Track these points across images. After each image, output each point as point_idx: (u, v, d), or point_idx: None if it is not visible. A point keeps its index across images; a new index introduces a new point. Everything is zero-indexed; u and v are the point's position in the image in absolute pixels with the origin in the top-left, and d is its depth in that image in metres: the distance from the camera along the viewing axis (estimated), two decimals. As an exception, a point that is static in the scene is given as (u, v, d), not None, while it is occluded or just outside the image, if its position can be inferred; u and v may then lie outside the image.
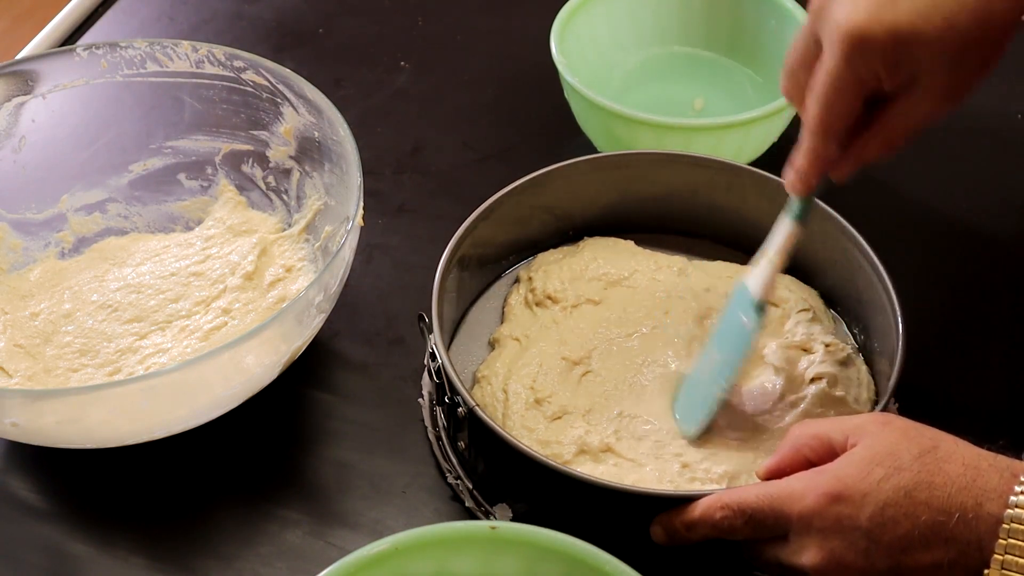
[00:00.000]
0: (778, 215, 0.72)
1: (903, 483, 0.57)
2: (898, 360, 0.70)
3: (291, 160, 0.88)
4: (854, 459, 0.59)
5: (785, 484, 0.61)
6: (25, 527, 0.75)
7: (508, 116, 1.03)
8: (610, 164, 0.84)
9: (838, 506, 0.58)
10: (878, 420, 0.61)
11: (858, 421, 0.62)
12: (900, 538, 0.57)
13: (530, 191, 0.82)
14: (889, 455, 0.58)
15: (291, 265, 0.86)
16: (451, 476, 0.75)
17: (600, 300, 0.81)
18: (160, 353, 0.80)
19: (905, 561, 0.57)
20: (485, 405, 0.76)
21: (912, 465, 0.57)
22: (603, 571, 0.57)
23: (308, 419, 0.80)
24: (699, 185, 0.84)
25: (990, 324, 0.85)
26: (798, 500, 0.59)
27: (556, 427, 0.74)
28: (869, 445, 0.59)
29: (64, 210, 0.89)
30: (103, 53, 0.87)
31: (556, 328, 0.80)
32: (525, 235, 0.85)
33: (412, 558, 0.58)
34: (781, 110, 0.88)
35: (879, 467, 0.58)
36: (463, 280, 0.81)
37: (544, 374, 0.77)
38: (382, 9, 1.15)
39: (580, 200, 0.85)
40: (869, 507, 0.57)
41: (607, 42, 1.01)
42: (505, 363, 0.78)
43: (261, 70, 0.86)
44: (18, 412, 0.69)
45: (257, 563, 0.72)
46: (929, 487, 0.57)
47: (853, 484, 0.58)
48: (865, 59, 0.62)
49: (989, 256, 0.90)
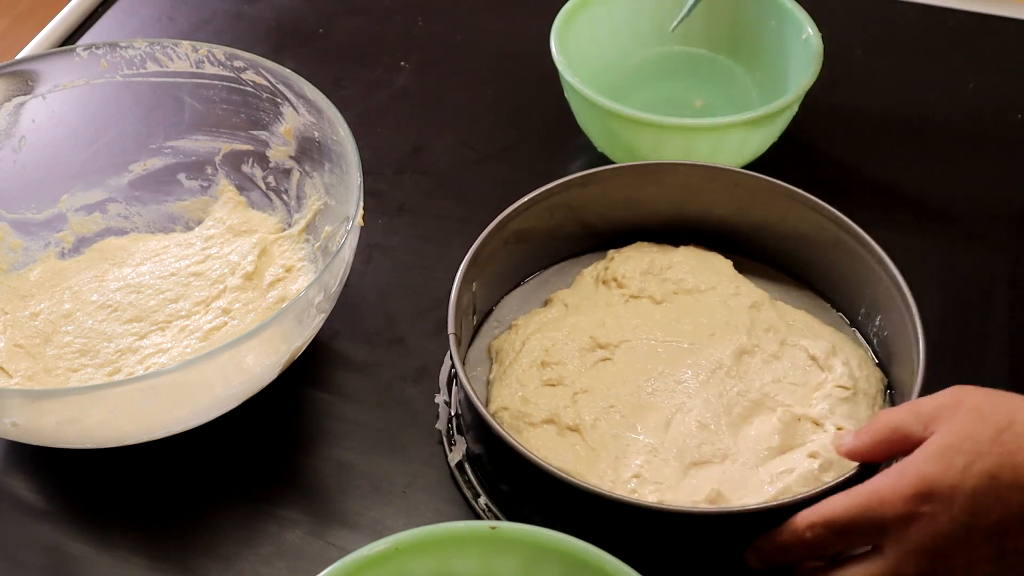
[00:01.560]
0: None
1: (987, 468, 0.57)
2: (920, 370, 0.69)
3: (291, 160, 0.88)
4: (932, 450, 0.59)
5: (871, 490, 0.60)
6: (25, 527, 0.75)
7: (508, 116, 1.03)
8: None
9: (930, 504, 0.58)
10: (950, 402, 0.61)
11: (933, 406, 0.61)
12: (996, 523, 0.57)
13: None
14: (967, 440, 0.58)
15: (291, 265, 0.86)
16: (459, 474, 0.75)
17: (662, 301, 0.81)
18: (160, 353, 0.80)
19: (1007, 544, 0.57)
20: (500, 349, 0.79)
21: (992, 448, 0.57)
22: (603, 571, 0.57)
23: (308, 419, 0.80)
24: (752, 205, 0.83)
25: (990, 325, 0.85)
26: (889, 505, 0.59)
27: (544, 392, 0.75)
28: (945, 432, 0.59)
29: (64, 210, 0.90)
30: (103, 53, 0.87)
31: (606, 310, 0.80)
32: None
33: (412, 558, 0.58)
34: (781, 110, 0.88)
35: (959, 455, 0.58)
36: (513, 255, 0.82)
37: (565, 343, 0.77)
38: (382, 9, 1.15)
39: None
40: (960, 499, 0.57)
41: (607, 42, 1.01)
42: (542, 321, 0.79)
43: (261, 70, 0.86)
44: (18, 412, 0.69)
45: (257, 563, 0.72)
46: (1013, 468, 0.57)
47: (939, 479, 0.58)
48: None
49: (989, 256, 0.90)
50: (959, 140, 0.99)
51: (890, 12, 1.13)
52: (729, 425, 0.73)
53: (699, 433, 0.72)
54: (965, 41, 1.10)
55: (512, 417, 0.74)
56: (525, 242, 0.83)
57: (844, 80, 1.03)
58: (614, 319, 0.79)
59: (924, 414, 0.61)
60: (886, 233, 0.78)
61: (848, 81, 1.04)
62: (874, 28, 1.11)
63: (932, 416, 0.60)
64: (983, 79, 1.05)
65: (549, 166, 0.82)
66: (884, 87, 1.05)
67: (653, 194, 0.84)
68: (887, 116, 1.02)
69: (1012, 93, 1.03)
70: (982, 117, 1.02)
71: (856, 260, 0.78)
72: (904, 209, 0.94)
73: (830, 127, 1.00)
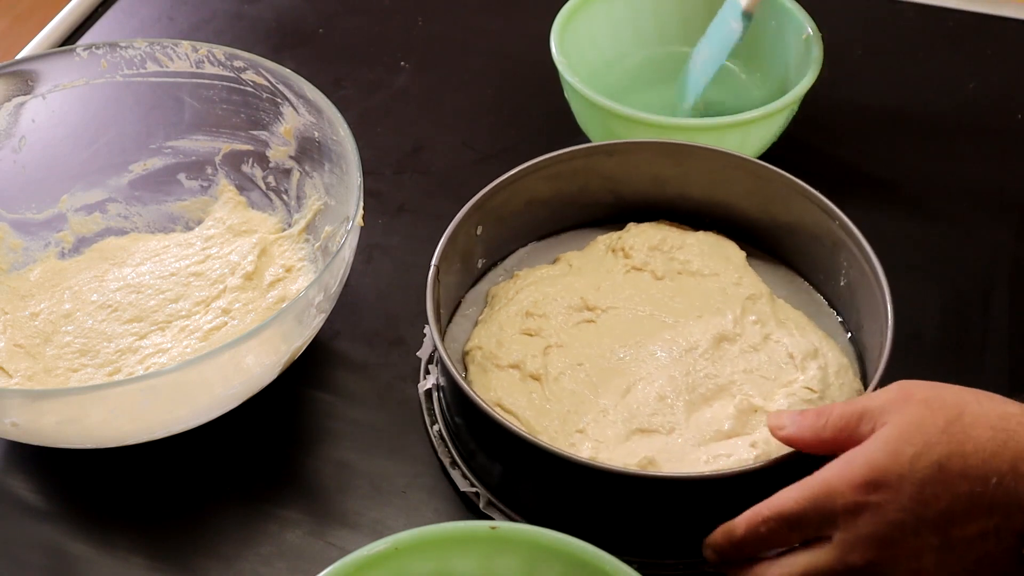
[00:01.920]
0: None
1: (935, 457, 0.57)
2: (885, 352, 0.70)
3: (291, 160, 0.88)
4: (882, 441, 0.59)
5: (821, 481, 0.60)
6: (25, 527, 0.75)
7: (508, 116, 1.03)
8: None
9: (878, 493, 0.58)
10: (899, 396, 0.61)
11: (880, 402, 0.61)
12: (943, 512, 0.57)
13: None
14: (916, 431, 0.58)
15: (291, 265, 0.86)
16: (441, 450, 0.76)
17: (662, 277, 0.81)
18: (160, 353, 0.80)
19: (953, 533, 0.57)
20: (495, 295, 0.82)
21: (941, 438, 0.57)
22: (603, 571, 0.57)
23: (308, 419, 0.80)
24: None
25: (989, 325, 0.85)
26: (839, 495, 0.59)
27: (520, 339, 0.77)
28: (895, 424, 0.59)
29: (64, 210, 0.90)
30: (103, 53, 0.87)
31: (605, 276, 0.81)
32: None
33: (412, 558, 0.58)
34: (781, 110, 0.88)
35: (909, 445, 0.58)
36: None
37: (554, 299, 0.79)
38: (382, 9, 1.15)
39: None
40: (908, 488, 0.57)
41: (607, 42, 1.01)
42: (541, 275, 0.82)
43: (261, 70, 0.86)
44: (18, 412, 0.69)
45: (257, 563, 0.72)
46: (962, 457, 0.57)
47: (887, 468, 0.58)
48: None
49: (988, 256, 0.90)
50: (959, 140, 0.99)
51: (890, 12, 1.13)
52: (687, 403, 0.73)
53: (654, 403, 0.73)
54: (965, 41, 1.10)
55: (483, 357, 0.77)
56: (547, 202, 0.85)
57: (844, 80, 1.03)
58: (609, 285, 0.81)
59: (873, 410, 0.61)
60: (886, 233, 0.78)
61: (848, 81, 1.04)
62: (874, 28, 1.11)
63: (880, 411, 0.60)
64: (983, 79, 1.05)
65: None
66: (884, 87, 1.05)
67: (681, 176, 0.84)
68: (887, 116, 1.02)
69: (1012, 93, 1.03)
70: (982, 117, 1.01)
71: (831, 242, 0.79)
72: (904, 209, 0.94)
73: (830, 127, 1.00)
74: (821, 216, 0.79)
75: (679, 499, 0.67)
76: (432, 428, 0.77)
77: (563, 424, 0.73)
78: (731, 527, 0.63)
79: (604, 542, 0.59)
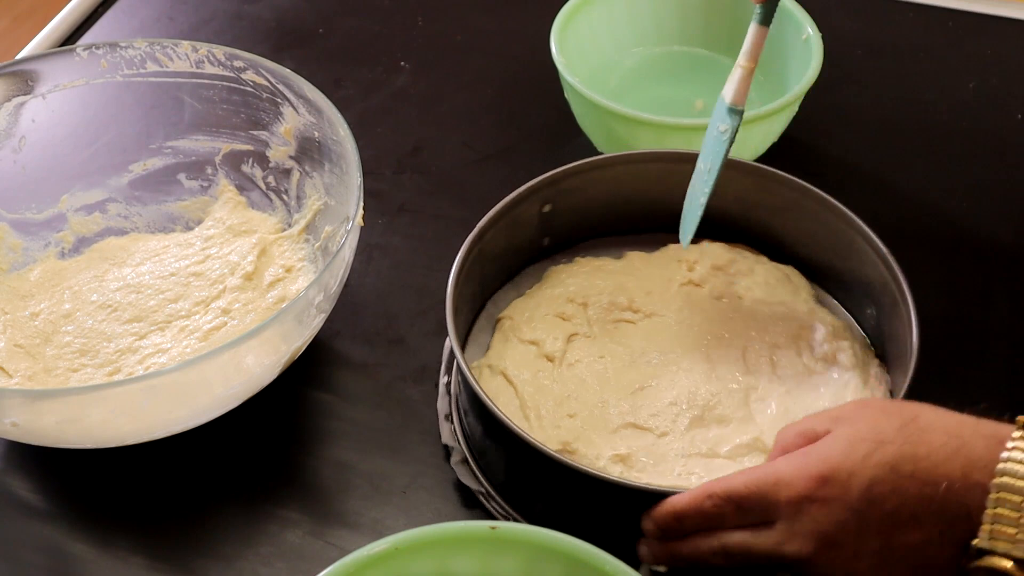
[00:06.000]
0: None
1: (888, 457, 0.57)
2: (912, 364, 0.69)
3: (291, 160, 0.88)
4: (838, 438, 0.59)
5: (772, 470, 0.60)
6: (25, 527, 0.75)
7: (508, 116, 1.03)
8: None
9: (826, 488, 0.58)
10: (857, 404, 0.62)
11: (837, 411, 0.62)
12: (889, 515, 0.56)
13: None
14: (871, 430, 0.58)
15: (291, 265, 0.86)
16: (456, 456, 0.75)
17: (720, 298, 0.80)
18: (160, 353, 0.80)
19: (896, 538, 0.57)
20: (550, 275, 0.82)
21: (895, 438, 0.57)
22: (603, 571, 0.57)
23: (308, 419, 0.80)
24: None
25: (990, 325, 0.85)
26: (786, 486, 0.59)
27: (551, 321, 0.79)
28: (851, 423, 0.60)
29: (64, 210, 0.90)
30: (103, 53, 0.87)
31: (661, 283, 0.81)
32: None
33: (412, 558, 0.58)
34: (781, 110, 0.88)
35: (862, 443, 0.58)
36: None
37: (601, 292, 0.80)
38: (382, 9, 1.15)
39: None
40: (857, 486, 0.57)
41: (607, 42, 1.01)
42: (597, 267, 0.83)
43: (261, 70, 0.86)
44: (18, 412, 0.69)
45: (257, 563, 0.72)
46: (914, 459, 0.56)
47: (839, 463, 0.58)
48: None
49: (989, 257, 0.90)
50: (959, 140, 0.99)
51: (890, 12, 1.13)
52: (695, 418, 0.73)
53: (660, 406, 0.74)
54: (965, 41, 1.10)
55: (510, 327, 0.79)
56: (629, 199, 0.85)
57: (844, 80, 1.03)
58: (661, 293, 0.80)
59: (830, 416, 0.62)
60: (884, 231, 0.78)
61: (848, 81, 1.04)
62: (874, 28, 1.11)
63: (838, 416, 0.61)
64: (983, 79, 1.05)
65: (549, 166, 0.82)
66: (884, 87, 1.05)
67: (768, 205, 0.82)
68: (887, 116, 1.02)
69: (1012, 93, 1.03)
70: (982, 117, 1.02)
71: (848, 247, 0.79)
72: (904, 208, 0.94)
73: (830, 127, 1.00)
74: (878, 267, 0.77)
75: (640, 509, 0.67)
76: (448, 418, 0.77)
77: (556, 406, 0.74)
78: (674, 500, 0.63)
79: (604, 542, 0.59)
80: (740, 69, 0.76)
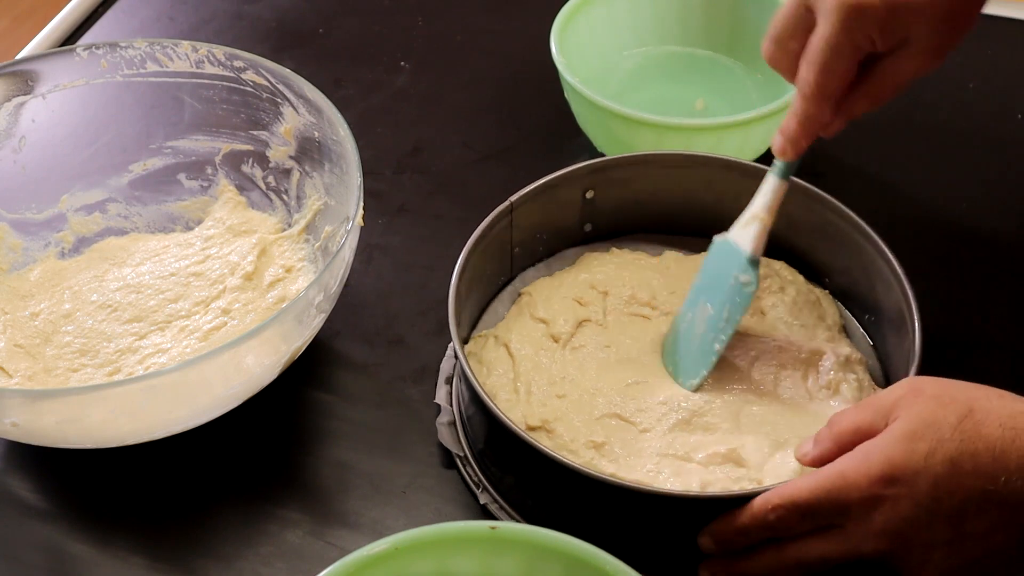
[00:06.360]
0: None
1: (948, 455, 0.58)
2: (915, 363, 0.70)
3: (291, 160, 0.88)
4: (896, 436, 0.60)
5: (836, 473, 0.61)
6: (25, 527, 0.75)
7: (508, 116, 1.03)
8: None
9: (894, 488, 0.59)
10: (909, 392, 0.62)
11: (891, 399, 0.62)
12: (955, 508, 0.58)
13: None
14: (929, 427, 0.59)
15: (291, 265, 0.86)
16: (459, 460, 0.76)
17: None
18: (159, 353, 0.80)
19: (965, 527, 0.59)
20: (582, 260, 0.84)
21: (953, 435, 0.59)
22: (603, 571, 0.57)
23: (308, 419, 0.80)
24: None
25: (990, 325, 0.85)
26: (854, 488, 0.60)
27: (567, 303, 0.80)
28: (907, 419, 0.60)
29: (64, 210, 0.90)
30: (103, 53, 0.87)
31: (676, 286, 0.81)
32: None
33: (412, 558, 0.58)
34: (781, 110, 0.88)
35: (922, 441, 0.59)
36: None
37: (624, 283, 0.81)
38: (382, 9, 1.15)
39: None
40: (923, 484, 0.58)
41: (607, 42, 1.01)
42: (628, 261, 0.83)
43: (261, 70, 0.86)
44: (18, 412, 0.69)
45: (257, 563, 0.72)
46: (972, 456, 0.58)
47: (903, 463, 0.59)
48: (862, 26, 0.66)
49: (989, 257, 0.89)
50: (959, 140, 0.99)
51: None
52: (680, 421, 0.73)
53: (649, 402, 0.74)
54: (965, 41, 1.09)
55: (527, 303, 0.81)
56: (678, 197, 0.85)
57: (844, 80, 1.03)
58: (684, 294, 0.80)
59: (884, 407, 0.62)
60: (886, 232, 0.78)
61: (848, 81, 1.04)
62: (874, 28, 1.11)
63: (892, 406, 0.62)
64: (983, 79, 1.05)
65: (549, 166, 0.82)
66: (884, 87, 1.04)
67: (791, 225, 0.82)
68: (887, 116, 1.01)
69: (1012, 93, 1.03)
70: (982, 117, 1.01)
71: (851, 247, 0.79)
72: (904, 208, 0.93)
73: (830, 127, 1.00)
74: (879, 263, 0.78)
75: (625, 508, 0.67)
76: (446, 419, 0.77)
77: (549, 385, 0.75)
78: (734, 514, 0.63)
79: (604, 542, 0.59)
80: (759, 223, 0.73)
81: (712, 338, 0.74)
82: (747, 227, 0.74)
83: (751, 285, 0.73)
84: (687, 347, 0.75)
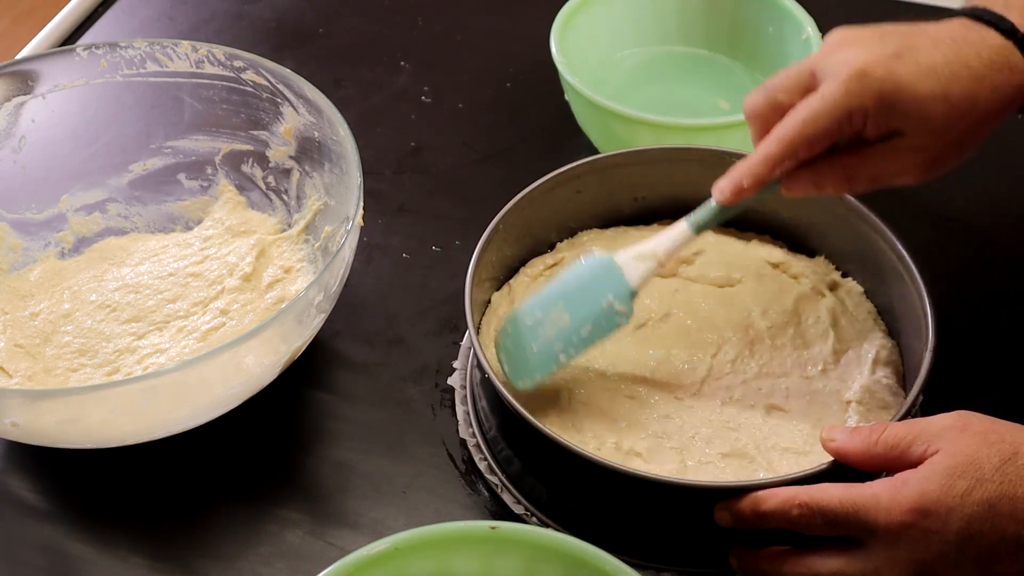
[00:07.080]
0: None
1: (986, 496, 0.58)
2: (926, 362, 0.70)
3: (291, 160, 0.88)
4: (936, 469, 0.59)
5: (870, 493, 0.60)
6: (25, 527, 0.75)
7: (508, 116, 1.03)
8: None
9: (925, 521, 0.58)
10: (957, 425, 0.61)
11: (937, 428, 0.61)
12: (987, 549, 0.58)
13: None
14: (971, 465, 0.59)
15: (289, 266, 0.86)
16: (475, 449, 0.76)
17: (737, 283, 0.80)
18: (158, 353, 0.80)
19: (995, 569, 0.58)
20: (615, 240, 0.83)
21: (994, 476, 0.58)
22: (603, 571, 0.57)
23: (308, 419, 0.80)
24: None
25: (992, 323, 0.85)
26: (884, 512, 0.59)
27: None
28: (950, 453, 0.60)
29: (64, 210, 0.90)
30: (103, 53, 0.87)
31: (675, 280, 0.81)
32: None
33: (412, 558, 0.58)
34: (781, 110, 0.88)
35: (961, 479, 0.58)
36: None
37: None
38: (382, 9, 1.15)
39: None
40: (955, 522, 0.58)
41: (607, 42, 1.01)
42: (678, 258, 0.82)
43: (261, 70, 0.86)
44: (18, 412, 0.69)
45: (257, 563, 0.72)
46: (1012, 500, 0.58)
47: (938, 498, 0.58)
48: (861, 93, 0.65)
49: (989, 257, 0.89)
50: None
51: (890, 12, 1.12)
52: (684, 406, 0.73)
53: (678, 366, 0.74)
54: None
55: (555, 272, 0.80)
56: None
57: (844, 80, 1.03)
58: (677, 291, 0.80)
59: (928, 434, 0.61)
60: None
61: (848, 81, 1.04)
62: (874, 28, 1.11)
63: (936, 437, 0.61)
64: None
65: (549, 166, 0.82)
66: (884, 87, 1.04)
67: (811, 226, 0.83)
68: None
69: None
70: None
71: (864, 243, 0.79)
72: (904, 208, 0.93)
73: (830, 127, 1.00)
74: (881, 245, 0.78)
75: (642, 497, 0.67)
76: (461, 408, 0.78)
77: (561, 350, 0.73)
78: (759, 498, 0.63)
79: (604, 542, 0.59)
80: (654, 263, 0.72)
81: (560, 348, 0.72)
82: (641, 261, 0.72)
83: (624, 318, 0.71)
84: (526, 344, 0.72)
